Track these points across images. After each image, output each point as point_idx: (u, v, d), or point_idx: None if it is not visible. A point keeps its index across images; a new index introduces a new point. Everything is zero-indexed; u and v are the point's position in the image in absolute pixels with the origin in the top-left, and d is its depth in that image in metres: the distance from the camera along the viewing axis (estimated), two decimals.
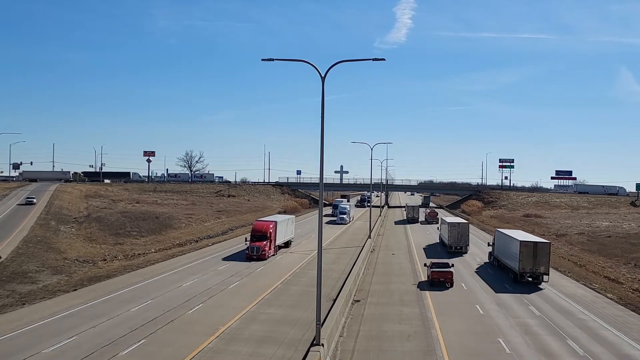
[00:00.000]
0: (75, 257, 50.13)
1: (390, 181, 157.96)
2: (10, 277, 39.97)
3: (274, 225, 53.33)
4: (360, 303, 34.82)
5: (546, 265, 42.85)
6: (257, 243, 50.39)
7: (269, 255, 51.24)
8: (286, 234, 58.95)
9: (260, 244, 50.31)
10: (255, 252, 49.74)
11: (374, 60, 25.27)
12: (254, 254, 49.69)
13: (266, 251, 50.43)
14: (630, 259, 57.80)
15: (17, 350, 23.01)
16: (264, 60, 25.13)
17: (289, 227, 60.88)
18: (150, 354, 23.57)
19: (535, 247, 43.41)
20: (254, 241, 50.83)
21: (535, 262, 42.78)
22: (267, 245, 50.90)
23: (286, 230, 58.89)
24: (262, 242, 50.58)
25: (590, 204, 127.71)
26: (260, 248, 49.98)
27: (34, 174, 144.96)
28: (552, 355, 25.20)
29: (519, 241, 43.86)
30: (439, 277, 41.28)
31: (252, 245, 50.40)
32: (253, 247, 50.08)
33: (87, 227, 70.05)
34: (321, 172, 24.16)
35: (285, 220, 59.46)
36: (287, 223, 60.02)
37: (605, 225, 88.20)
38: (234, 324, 28.64)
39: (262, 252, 49.93)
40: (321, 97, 23.97)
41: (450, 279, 41.32)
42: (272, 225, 52.93)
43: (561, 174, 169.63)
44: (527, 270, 42.97)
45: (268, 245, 51.05)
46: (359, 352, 24.99)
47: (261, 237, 51.29)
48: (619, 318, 32.68)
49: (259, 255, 49.75)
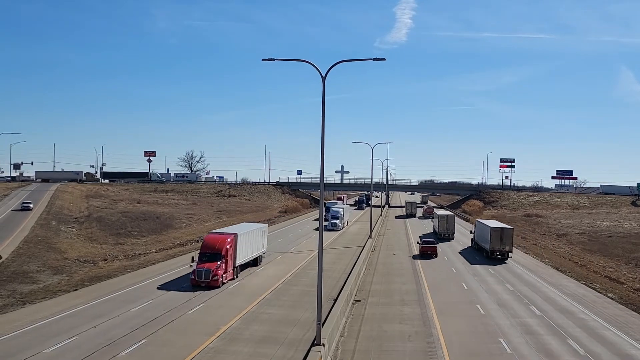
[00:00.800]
0: (76, 257, 50.14)
1: (391, 181, 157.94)
2: (11, 277, 39.99)
3: (232, 239, 40.38)
4: (361, 303, 34.81)
5: (510, 245, 55.87)
6: (207, 265, 37.69)
7: (223, 281, 38.53)
8: (254, 249, 46.11)
9: (211, 266, 37.58)
10: (204, 278, 37.16)
11: (374, 60, 25.27)
12: (201, 280, 37.23)
13: (219, 275, 37.70)
14: (631, 258, 57.79)
15: (18, 350, 23.02)
16: (265, 60, 25.14)
17: (258, 240, 47.64)
18: (150, 354, 23.57)
19: (502, 231, 55.91)
20: (203, 262, 38.06)
21: (502, 243, 55.49)
22: (221, 268, 38.24)
23: (254, 244, 45.96)
24: (213, 264, 37.83)
25: (591, 204, 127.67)
26: (210, 272, 37.28)
27: (47, 174, 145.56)
28: (553, 355, 25.18)
29: (490, 227, 56.64)
30: (427, 250, 57.23)
31: (200, 268, 37.57)
32: (200, 271, 37.34)
33: (88, 227, 70.07)
34: (322, 172, 24.14)
35: (252, 232, 46.05)
36: (255, 234, 46.82)
37: (606, 225, 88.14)
38: (235, 323, 28.64)
39: (214, 278, 37.32)
40: (322, 97, 24.02)
41: (435, 251, 57.52)
42: (229, 240, 39.93)
43: (562, 173, 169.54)
44: (496, 249, 55.76)
45: (223, 267, 38.40)
46: (359, 352, 24.98)
47: (213, 256, 38.32)
48: (620, 318, 32.65)
49: (210, 282, 37.22)
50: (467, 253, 62.01)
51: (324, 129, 23.73)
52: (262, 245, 48.74)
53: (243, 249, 42.60)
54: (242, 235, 42.46)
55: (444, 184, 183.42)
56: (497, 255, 55.86)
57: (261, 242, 48.61)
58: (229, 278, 39.82)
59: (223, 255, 38.53)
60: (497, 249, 55.62)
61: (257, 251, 46.98)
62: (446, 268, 50.27)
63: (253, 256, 45.98)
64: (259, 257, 47.75)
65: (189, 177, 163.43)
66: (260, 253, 48.09)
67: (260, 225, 51.61)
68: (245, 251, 43.27)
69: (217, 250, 38.65)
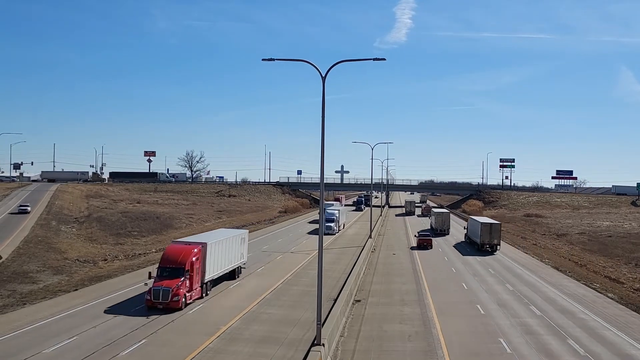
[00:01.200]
0: (76, 257, 50.12)
1: (391, 181, 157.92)
2: (11, 277, 39.97)
3: (199, 250, 33.83)
4: (361, 303, 34.81)
5: (498, 239, 62.23)
6: (166, 282, 31.00)
7: (187, 302, 31.74)
8: (230, 260, 39.44)
9: (171, 284, 30.86)
10: (162, 298, 30.43)
11: (374, 60, 25.29)
12: (158, 301, 30.45)
13: (181, 295, 30.90)
14: (631, 258, 57.79)
15: (18, 350, 23.02)
16: (265, 60, 25.15)
17: (236, 249, 40.79)
18: (150, 354, 23.58)
19: (491, 226, 62.24)
20: (162, 278, 31.48)
21: (491, 236, 61.54)
22: (185, 285, 31.59)
23: (230, 254, 39.34)
24: (174, 281, 31.16)
25: (591, 204, 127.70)
26: (169, 291, 30.49)
27: (53, 174, 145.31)
28: (553, 355, 25.19)
29: (480, 223, 62.90)
30: (422, 242, 64.23)
31: (157, 286, 30.85)
32: (158, 290, 30.57)
33: (88, 227, 70.07)
34: (322, 172, 24.14)
35: (227, 240, 38.95)
36: (232, 243, 39.89)
37: (606, 225, 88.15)
38: (235, 323, 28.65)
39: (174, 299, 30.55)
40: (322, 97, 24.01)
41: (430, 243, 64.45)
42: (196, 251, 33.38)
43: (562, 173, 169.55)
44: (486, 242, 61.75)
45: (186, 284, 31.82)
46: (359, 352, 24.99)
47: (175, 271, 31.76)
48: (620, 318, 32.65)
49: (169, 304, 30.43)
50: (460, 246, 68.14)
51: (324, 129, 23.76)
52: (241, 254, 41.96)
53: (215, 260, 35.92)
54: (213, 244, 35.76)
55: (444, 184, 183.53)
56: (487, 248, 62.10)
57: (240, 251, 41.65)
58: (195, 297, 33.06)
59: (187, 270, 31.96)
60: (487, 242, 61.88)
61: (234, 262, 40.26)
62: (446, 268, 50.51)
63: (228, 268, 39.18)
64: (237, 268, 41.26)
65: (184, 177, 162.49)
66: (238, 264, 41.40)
67: (238, 232, 44.59)
68: (217, 263, 36.57)
69: (180, 265, 31.95)
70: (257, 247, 61.10)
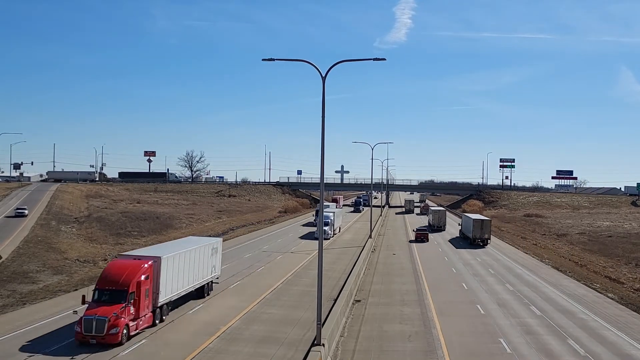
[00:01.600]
0: (76, 257, 50.11)
1: (391, 181, 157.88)
2: (11, 277, 39.97)
3: (150, 266, 27.11)
4: (361, 303, 34.80)
5: (489, 233, 68.14)
6: (103, 309, 24.42)
7: (130, 333, 25.06)
8: (196, 276, 32.71)
9: (108, 312, 24.25)
10: (95, 331, 23.83)
11: (374, 60, 25.32)
12: (90, 335, 23.88)
13: (120, 327, 24.15)
14: (631, 258, 57.77)
15: (18, 351, 23.01)
16: (265, 60, 25.17)
17: (204, 262, 34.03)
18: (150, 354, 23.57)
19: (482, 222, 68.11)
20: (99, 303, 25.01)
21: (482, 231, 67.27)
22: (127, 313, 24.78)
23: (196, 269, 32.57)
24: (113, 307, 24.50)
25: (591, 204, 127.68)
26: (105, 321, 23.90)
27: (60, 175, 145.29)
28: (553, 355, 25.18)
29: (472, 219, 69.56)
30: (419, 235, 71.23)
31: (89, 315, 24.19)
32: (90, 320, 23.95)
33: (88, 227, 70.06)
34: (322, 172, 24.15)
35: (190, 252, 32.05)
36: (198, 255, 33.09)
37: (606, 225, 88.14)
38: (235, 323, 28.64)
39: (112, 331, 23.95)
40: (322, 97, 24.01)
41: (426, 236, 71.78)
42: (145, 268, 26.64)
43: (562, 173, 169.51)
44: (477, 237, 67.41)
45: (129, 311, 25.02)
46: (359, 352, 24.98)
47: (115, 294, 25.11)
48: (620, 318, 32.64)
49: (104, 337, 23.84)
50: (455, 241, 74.14)
51: (324, 129, 23.77)
52: (212, 267, 35.42)
53: (174, 278, 29.44)
54: (171, 258, 29.12)
55: (444, 184, 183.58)
56: (479, 242, 67.63)
57: (210, 263, 35.10)
58: (144, 325, 26.32)
59: (132, 293, 25.24)
60: (478, 236, 67.57)
61: (201, 278, 33.48)
62: (446, 268, 50.55)
63: (194, 286, 32.45)
64: (207, 284, 34.55)
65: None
66: (207, 279, 34.70)
67: (208, 241, 37.14)
68: (178, 281, 30.02)
69: (122, 286, 25.19)
70: (257, 247, 61.22)
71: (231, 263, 48.83)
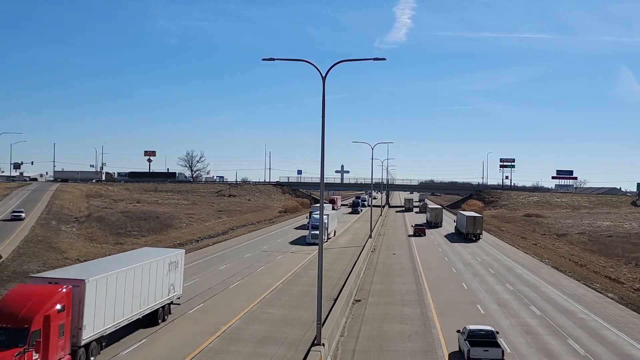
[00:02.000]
0: (76, 257, 50.10)
1: (391, 181, 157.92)
2: (11, 277, 39.96)
3: (68, 293, 20.79)
4: (361, 303, 34.82)
5: (481, 229, 75.49)
6: None
7: None
8: (148, 298, 26.47)
9: None
10: None
11: (374, 60, 25.38)
12: None
13: None
14: (631, 258, 57.77)
15: None
16: (265, 60, 25.20)
17: (160, 280, 27.87)
18: (151, 353, 23.59)
19: (474, 218, 75.36)
20: None
21: (474, 227, 74.25)
22: (28, 358, 18.45)
23: (145, 290, 26.24)
24: (7, 353, 18.15)
25: (591, 204, 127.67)
26: None
27: (66, 174, 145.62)
28: (553, 355, 25.19)
29: (465, 216, 77.05)
30: (417, 230, 79.42)
31: None
32: None
33: (88, 226, 70.09)
34: (322, 171, 24.17)
35: (139, 268, 25.90)
36: (150, 272, 26.81)
37: (606, 225, 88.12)
38: (235, 323, 28.66)
39: None
40: (322, 96, 24.03)
41: (424, 231, 79.58)
42: (57, 296, 20.31)
43: (562, 173, 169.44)
44: (470, 232, 74.35)
45: (33, 358, 18.54)
46: (359, 352, 25.00)
47: (11, 334, 18.73)
48: (620, 318, 32.67)
49: None
50: (450, 236, 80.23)
51: (324, 129, 23.79)
52: (169, 287, 28.83)
53: (108, 305, 22.82)
54: (101, 281, 22.45)
55: (444, 184, 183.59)
56: (471, 237, 74.11)
57: (167, 282, 28.62)
58: None
59: (35, 332, 18.88)
60: (471, 232, 74.31)
61: (153, 301, 26.92)
62: (446, 268, 50.63)
63: (140, 313, 25.69)
64: (160, 309, 27.89)
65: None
66: (162, 302, 28.04)
67: (165, 254, 29.97)
68: (115, 309, 23.35)
69: (21, 323, 18.89)
70: (257, 246, 61.27)
71: (231, 263, 48.92)
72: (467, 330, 24.35)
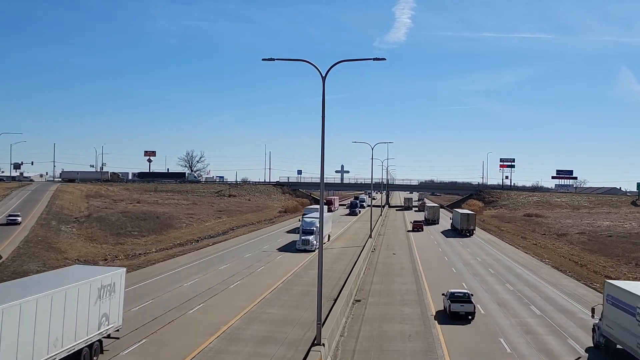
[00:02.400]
0: (76, 257, 50.15)
1: (391, 181, 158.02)
2: (11, 277, 39.84)
3: None
4: (361, 303, 34.82)
5: (474, 225, 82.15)
6: None
7: None
8: (66, 335, 20.26)
9: None
10: None
11: (374, 60, 25.37)
12: None
13: None
14: (631, 258, 57.78)
15: None
16: (265, 60, 25.21)
17: (85, 311, 21.63)
18: (151, 353, 23.60)
19: (468, 215, 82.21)
20: None
21: (468, 223, 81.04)
22: None
23: (64, 324, 20.15)
24: None
25: (591, 204, 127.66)
26: None
27: (72, 175, 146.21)
28: (553, 355, 25.20)
29: (460, 213, 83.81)
30: (415, 226, 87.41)
31: None
32: None
33: (88, 227, 70.09)
34: (322, 171, 24.18)
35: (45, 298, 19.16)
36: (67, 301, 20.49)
37: (606, 225, 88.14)
38: (235, 323, 28.67)
39: None
40: (322, 96, 24.04)
41: (422, 227, 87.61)
42: None
43: (562, 173, 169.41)
44: (464, 228, 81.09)
45: None
46: (359, 352, 25.00)
47: None
48: None
49: None
50: (446, 232, 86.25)
51: (324, 129, 23.79)
52: (99, 319, 22.81)
53: None
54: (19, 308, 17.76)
55: (444, 183, 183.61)
56: (465, 232, 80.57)
57: (97, 312, 22.66)
58: None
59: None
60: (465, 227, 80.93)
61: (74, 339, 20.87)
62: (446, 268, 50.68)
63: (53, 357, 19.55)
64: (87, 349, 21.75)
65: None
66: (89, 339, 21.93)
67: (92, 275, 23.38)
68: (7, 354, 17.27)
69: None
70: (257, 246, 61.29)
71: (231, 263, 48.95)
72: (448, 293, 32.45)
